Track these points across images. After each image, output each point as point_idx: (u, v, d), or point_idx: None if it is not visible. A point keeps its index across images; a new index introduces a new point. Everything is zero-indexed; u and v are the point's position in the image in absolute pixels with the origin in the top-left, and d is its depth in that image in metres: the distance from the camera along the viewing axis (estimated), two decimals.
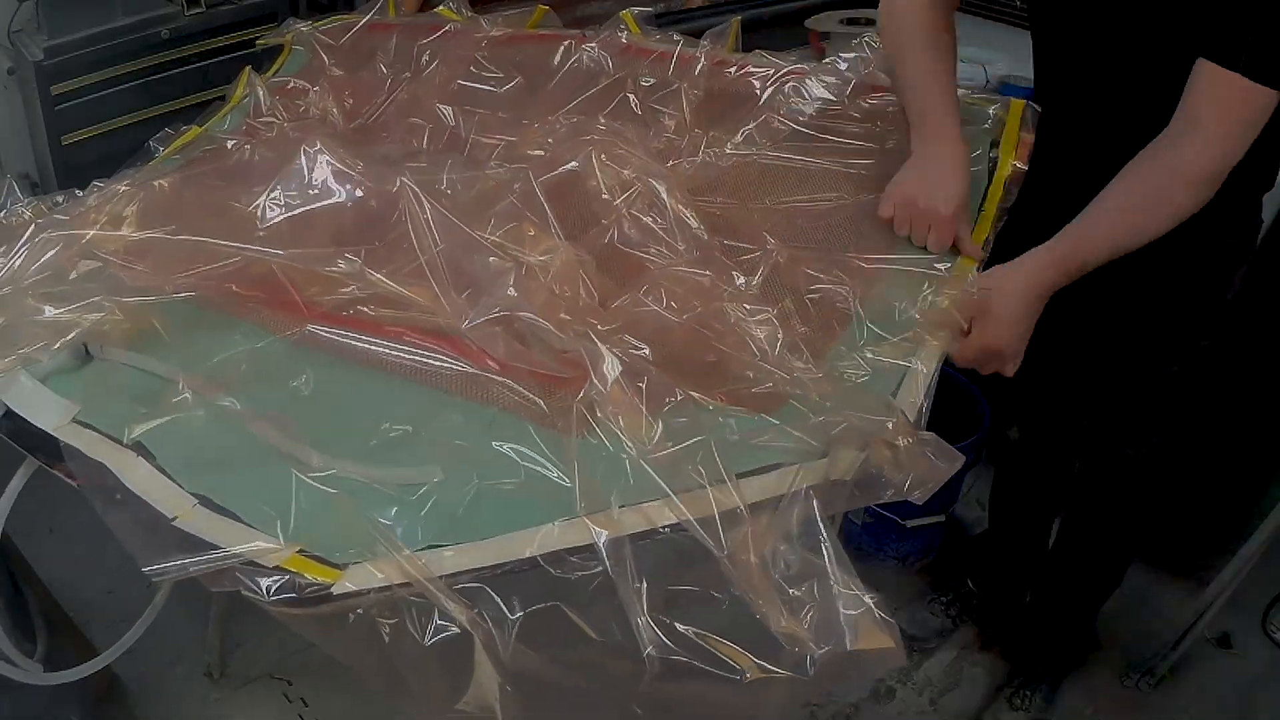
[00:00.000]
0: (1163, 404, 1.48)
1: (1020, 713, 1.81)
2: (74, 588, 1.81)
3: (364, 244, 1.08)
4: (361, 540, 0.81)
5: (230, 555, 0.80)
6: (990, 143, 1.31)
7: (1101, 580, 1.76)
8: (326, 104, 1.47)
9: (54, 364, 1.00)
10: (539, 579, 0.80)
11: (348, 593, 0.78)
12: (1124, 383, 1.49)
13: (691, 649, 0.78)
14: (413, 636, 0.77)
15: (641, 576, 0.79)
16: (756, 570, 0.80)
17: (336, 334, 1.04)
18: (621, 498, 0.83)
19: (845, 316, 1.08)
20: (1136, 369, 1.46)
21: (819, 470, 0.86)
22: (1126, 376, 1.48)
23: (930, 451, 0.88)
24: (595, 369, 0.92)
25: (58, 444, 0.93)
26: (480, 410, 0.96)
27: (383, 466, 0.89)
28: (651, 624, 0.77)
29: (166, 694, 1.80)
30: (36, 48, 1.97)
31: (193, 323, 1.07)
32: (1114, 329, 1.44)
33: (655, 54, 1.49)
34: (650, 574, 0.79)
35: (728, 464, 0.84)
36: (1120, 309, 1.40)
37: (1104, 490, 1.63)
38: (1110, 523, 1.67)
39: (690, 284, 1.05)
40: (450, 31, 1.60)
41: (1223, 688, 1.88)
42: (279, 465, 0.89)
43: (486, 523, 0.84)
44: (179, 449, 0.91)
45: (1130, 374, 1.47)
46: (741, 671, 0.79)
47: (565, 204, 1.17)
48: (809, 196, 1.27)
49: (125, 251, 1.10)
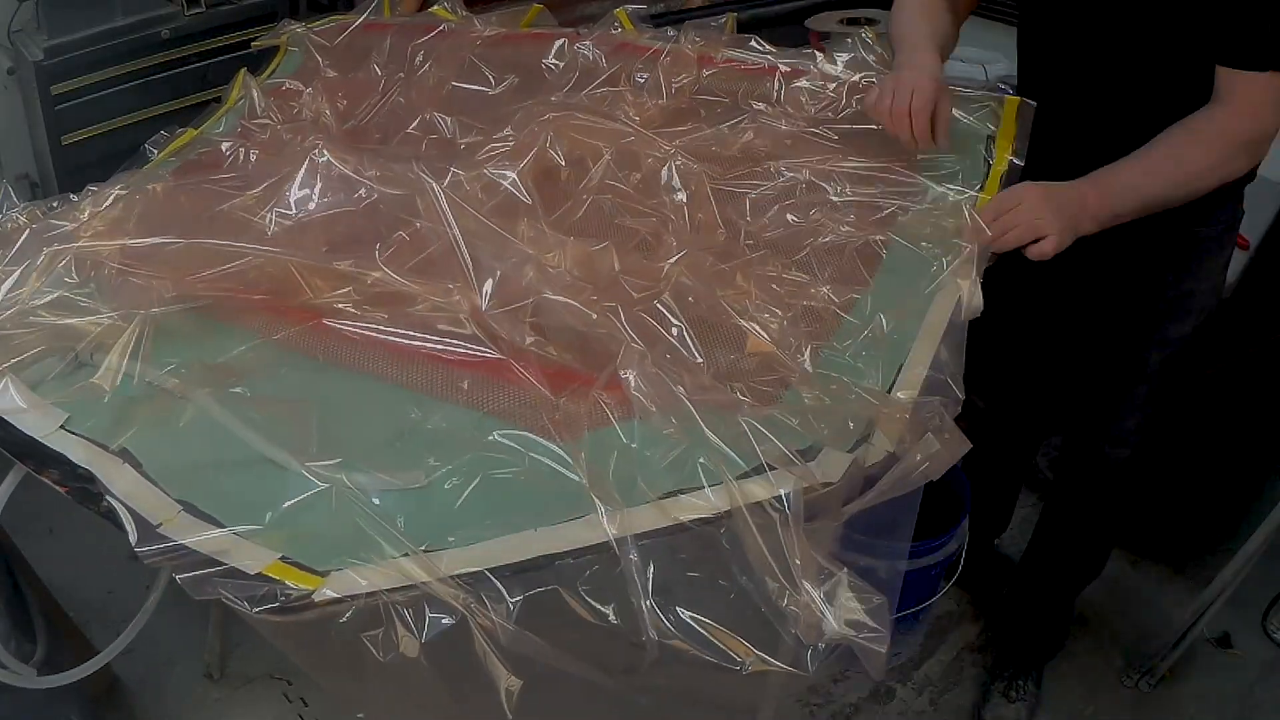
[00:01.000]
0: (1141, 400, 1.47)
1: (1018, 704, 1.80)
2: (74, 588, 1.82)
3: (370, 243, 1.08)
4: (350, 543, 0.81)
5: (213, 561, 0.80)
6: (987, 138, 1.31)
7: (1081, 570, 1.76)
8: (320, 106, 1.47)
9: (43, 371, 1.00)
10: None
11: (330, 599, 0.78)
12: (1096, 369, 1.49)
13: (693, 636, 0.78)
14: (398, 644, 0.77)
15: (648, 562, 0.79)
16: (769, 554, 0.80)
17: (343, 332, 1.04)
18: (631, 493, 0.83)
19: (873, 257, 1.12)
20: (1108, 355, 1.46)
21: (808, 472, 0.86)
22: (1098, 363, 1.48)
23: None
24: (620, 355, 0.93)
25: (46, 451, 0.93)
26: (482, 419, 0.96)
27: (368, 471, 0.89)
28: (655, 608, 0.78)
29: (166, 694, 1.81)
30: (36, 48, 1.98)
31: (187, 328, 1.07)
32: (1085, 311, 1.45)
33: (649, 50, 1.49)
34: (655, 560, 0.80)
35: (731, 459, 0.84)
36: (1090, 291, 1.41)
37: (1082, 488, 1.63)
38: (1089, 518, 1.67)
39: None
40: (445, 31, 1.59)
41: (1223, 688, 1.87)
42: (264, 472, 0.89)
43: (490, 520, 0.83)
44: (165, 456, 0.91)
45: (1102, 360, 1.47)
46: (742, 663, 0.79)
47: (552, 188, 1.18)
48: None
49: (123, 257, 1.10)
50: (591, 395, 0.91)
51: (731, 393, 0.94)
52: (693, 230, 1.15)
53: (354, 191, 1.10)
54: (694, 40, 1.50)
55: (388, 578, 0.78)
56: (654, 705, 0.87)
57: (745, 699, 0.92)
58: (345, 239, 1.09)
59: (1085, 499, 1.64)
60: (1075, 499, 1.66)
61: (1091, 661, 1.91)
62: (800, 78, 1.40)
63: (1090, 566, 1.76)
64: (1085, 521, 1.67)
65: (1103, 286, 1.40)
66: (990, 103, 1.36)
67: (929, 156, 1.28)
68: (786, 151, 1.29)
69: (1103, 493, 1.61)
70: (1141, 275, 1.37)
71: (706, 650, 0.78)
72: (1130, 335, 1.43)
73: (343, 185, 1.11)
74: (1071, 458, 1.64)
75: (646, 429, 0.89)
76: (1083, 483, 1.62)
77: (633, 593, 0.77)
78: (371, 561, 0.79)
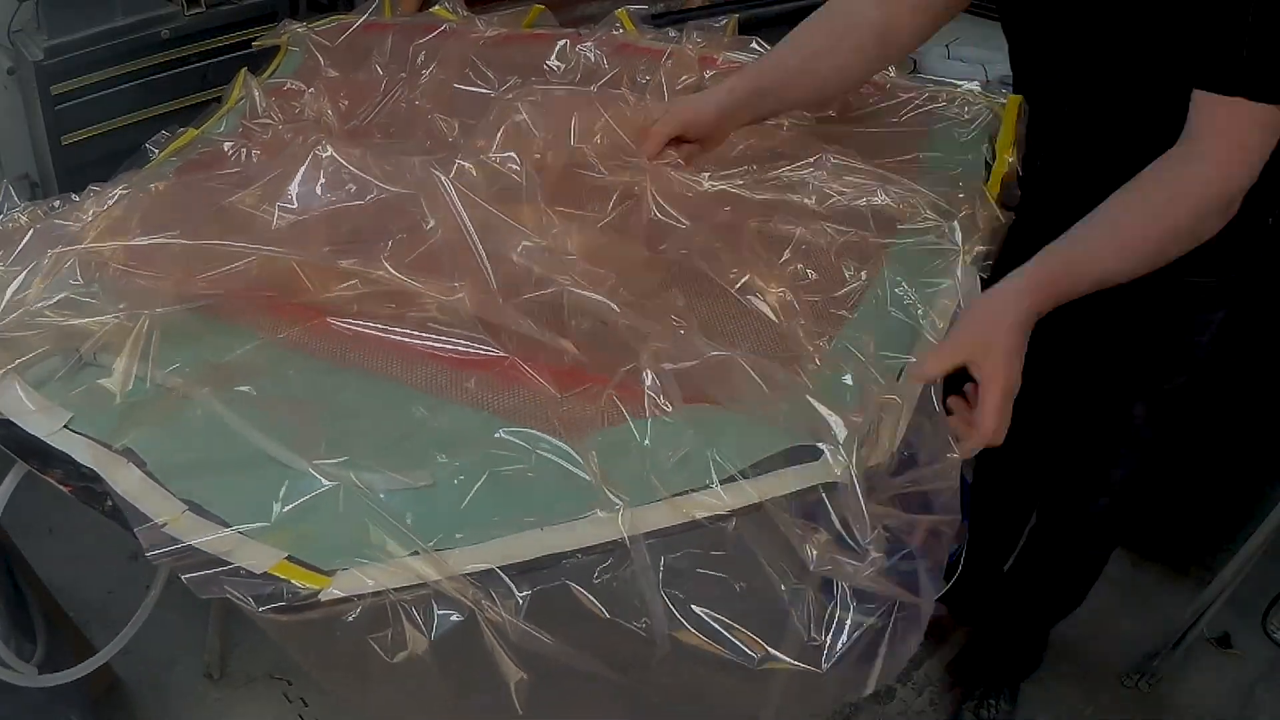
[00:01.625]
0: (1128, 452, 1.44)
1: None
2: (74, 588, 1.82)
3: (376, 239, 1.08)
4: (357, 542, 0.80)
5: (219, 560, 0.80)
6: (988, 138, 1.31)
7: (1059, 602, 1.74)
8: (321, 105, 1.46)
9: (47, 370, 1.00)
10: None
11: (336, 599, 0.78)
12: (1084, 418, 1.45)
13: (706, 630, 0.79)
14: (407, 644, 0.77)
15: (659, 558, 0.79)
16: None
17: (349, 331, 1.04)
18: (643, 491, 0.83)
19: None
20: (1096, 405, 1.42)
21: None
22: (1086, 412, 1.44)
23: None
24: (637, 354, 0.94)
25: (49, 450, 0.93)
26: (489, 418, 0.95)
27: (375, 471, 0.89)
28: (666, 600, 0.78)
29: (166, 694, 1.81)
30: (36, 48, 1.97)
31: (192, 328, 1.06)
32: (1074, 357, 1.37)
33: (651, 52, 1.49)
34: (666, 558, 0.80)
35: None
36: (1080, 338, 1.31)
37: (1064, 532, 1.61)
38: (1070, 559, 1.64)
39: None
40: (446, 31, 1.59)
41: (1223, 688, 1.88)
42: (269, 471, 0.89)
43: (498, 518, 0.83)
44: (169, 455, 0.91)
45: (1090, 410, 1.43)
46: (754, 657, 0.79)
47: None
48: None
49: (128, 257, 1.10)
50: (606, 394, 0.91)
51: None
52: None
53: (358, 187, 1.10)
54: (695, 42, 1.50)
55: (395, 577, 0.78)
56: (661, 704, 0.86)
57: (749, 702, 0.91)
58: (350, 235, 1.08)
59: (1066, 542, 1.62)
60: (1058, 534, 1.63)
61: (1091, 661, 1.92)
62: None
63: (1069, 599, 1.72)
64: (1065, 561, 1.65)
65: (1093, 334, 1.33)
66: (990, 103, 1.37)
67: (931, 157, 1.28)
68: (785, 151, 1.29)
69: (1084, 537, 1.59)
70: (1132, 325, 1.31)
71: (719, 643, 0.78)
72: (1118, 386, 1.39)
73: (347, 181, 1.10)
74: (1055, 502, 1.60)
75: (660, 426, 0.89)
76: (1065, 527, 1.60)
77: (644, 585, 0.77)
78: (378, 560, 0.79)
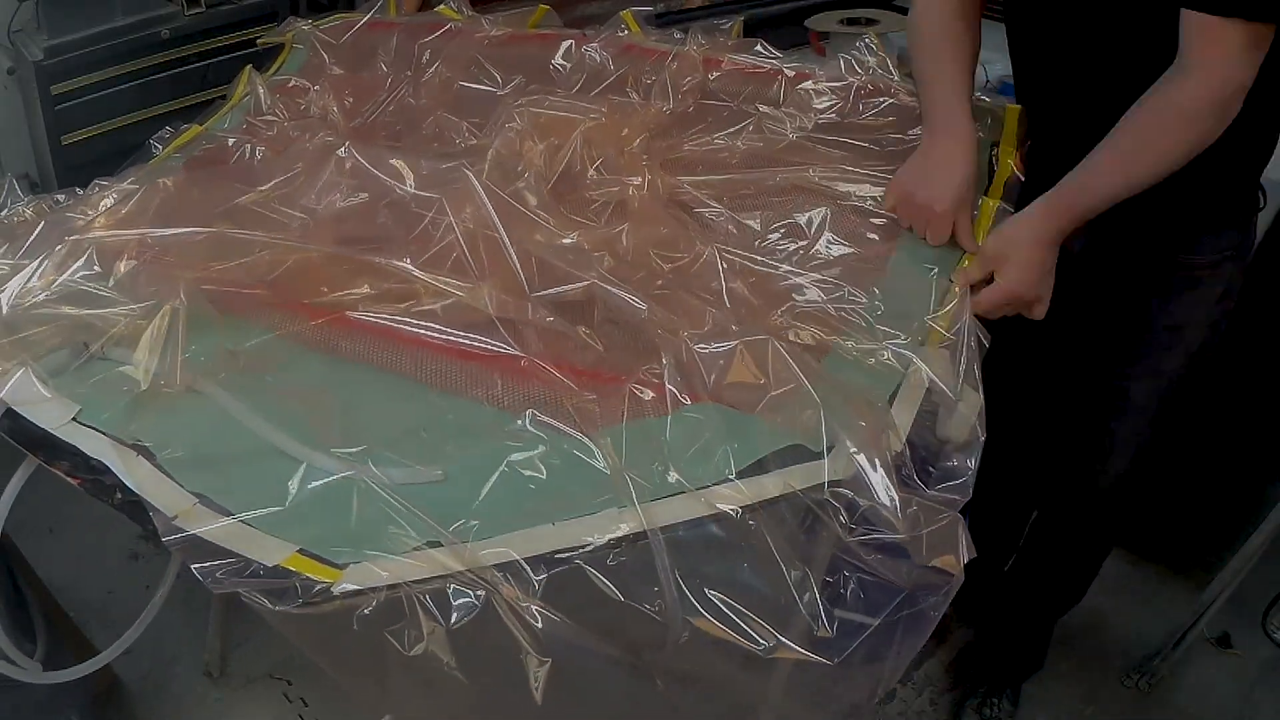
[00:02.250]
0: (1127, 435, 1.44)
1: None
2: (74, 588, 1.81)
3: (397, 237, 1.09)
4: (369, 535, 0.80)
5: (230, 553, 0.80)
6: (990, 144, 1.32)
7: (1061, 597, 1.74)
8: (327, 103, 1.46)
9: (56, 362, 1.00)
10: None
11: (349, 592, 0.77)
12: (1083, 401, 1.45)
13: (719, 615, 0.79)
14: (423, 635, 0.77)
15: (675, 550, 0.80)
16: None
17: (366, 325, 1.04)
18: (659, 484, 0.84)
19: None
20: (1094, 387, 1.43)
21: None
22: (1085, 395, 1.45)
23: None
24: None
25: (58, 443, 0.93)
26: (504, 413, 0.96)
27: (388, 465, 0.89)
28: (682, 584, 0.78)
29: (166, 694, 1.80)
30: (36, 48, 1.97)
31: (207, 321, 1.05)
32: (1071, 338, 1.40)
33: (656, 53, 1.49)
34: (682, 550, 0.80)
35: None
36: (1076, 318, 1.35)
37: (1066, 519, 1.61)
38: (1071, 548, 1.65)
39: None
40: (451, 30, 1.60)
41: (1223, 688, 1.88)
42: (281, 464, 0.89)
43: (513, 511, 0.83)
44: (179, 448, 0.91)
45: (1089, 392, 1.44)
46: (766, 645, 0.79)
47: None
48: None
49: (143, 249, 1.10)
50: (628, 389, 0.91)
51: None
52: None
53: (380, 185, 1.10)
54: (700, 43, 1.50)
55: (408, 569, 0.78)
56: (671, 692, 0.86)
57: (752, 691, 0.92)
58: (371, 233, 1.08)
59: (1067, 529, 1.62)
60: (1058, 528, 1.64)
61: (1091, 661, 1.92)
62: (805, 80, 1.41)
63: (1071, 594, 1.73)
64: (1067, 551, 1.65)
65: (1088, 313, 1.36)
66: (992, 109, 1.37)
67: None
68: (788, 157, 1.30)
69: (1085, 524, 1.59)
70: (1126, 303, 1.34)
71: (731, 628, 0.78)
72: (1115, 365, 1.40)
73: (369, 180, 1.10)
74: (1056, 488, 1.60)
75: (678, 420, 0.89)
76: (1066, 513, 1.60)
77: (661, 573, 0.77)
78: (393, 553, 0.79)
